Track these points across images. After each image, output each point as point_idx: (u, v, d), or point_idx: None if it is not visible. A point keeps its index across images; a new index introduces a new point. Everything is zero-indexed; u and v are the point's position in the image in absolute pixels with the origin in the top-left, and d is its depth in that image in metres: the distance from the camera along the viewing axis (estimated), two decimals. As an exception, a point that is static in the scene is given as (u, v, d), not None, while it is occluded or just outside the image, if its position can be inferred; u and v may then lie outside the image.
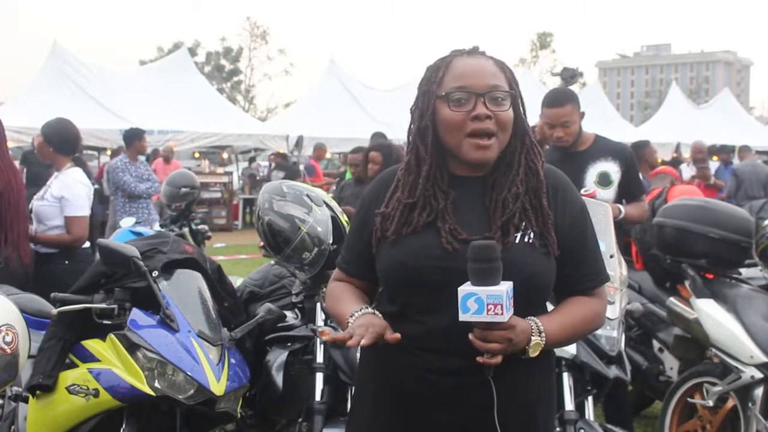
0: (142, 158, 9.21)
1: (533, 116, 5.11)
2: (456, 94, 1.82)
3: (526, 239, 1.82)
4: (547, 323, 1.79)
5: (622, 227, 4.11)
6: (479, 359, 1.70)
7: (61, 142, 4.76)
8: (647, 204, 4.19)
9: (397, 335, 1.76)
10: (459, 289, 1.65)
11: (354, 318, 1.83)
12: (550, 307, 1.95)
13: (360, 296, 1.99)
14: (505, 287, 1.65)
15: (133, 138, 8.68)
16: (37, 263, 4.44)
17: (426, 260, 1.80)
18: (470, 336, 1.69)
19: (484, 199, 1.86)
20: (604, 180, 3.92)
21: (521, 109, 1.90)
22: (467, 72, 1.85)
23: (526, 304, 1.75)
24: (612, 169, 3.96)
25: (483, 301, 1.63)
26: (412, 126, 1.91)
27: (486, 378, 1.75)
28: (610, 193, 3.92)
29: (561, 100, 4.05)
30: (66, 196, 4.54)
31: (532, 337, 1.75)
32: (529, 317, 1.77)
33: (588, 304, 1.91)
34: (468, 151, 1.82)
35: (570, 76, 6.84)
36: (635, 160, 4.16)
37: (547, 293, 1.91)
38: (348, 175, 8.30)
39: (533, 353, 1.75)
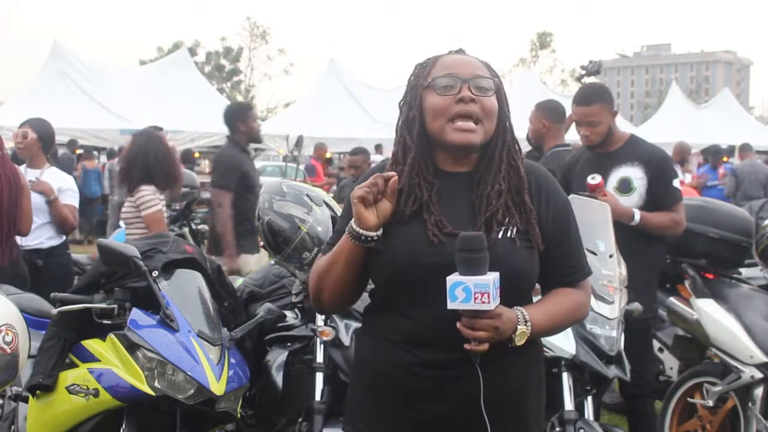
0: None
1: (529, 114, 5.08)
2: (442, 79, 1.87)
3: (508, 234, 1.85)
4: (533, 313, 1.83)
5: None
6: (466, 346, 1.73)
7: (50, 141, 5.06)
8: (680, 216, 3.73)
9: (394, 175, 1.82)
10: (447, 278, 1.69)
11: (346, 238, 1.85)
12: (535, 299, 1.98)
13: None
14: (492, 277, 1.69)
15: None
16: (47, 256, 4.76)
17: (412, 255, 1.83)
18: (458, 324, 1.72)
19: (470, 195, 1.89)
20: (624, 186, 3.71)
21: (505, 107, 1.94)
22: (453, 63, 1.91)
23: (510, 297, 1.78)
24: (635, 175, 3.70)
25: (470, 290, 1.67)
26: (400, 119, 1.95)
27: (473, 367, 1.78)
28: (632, 200, 3.68)
29: (590, 98, 3.86)
30: (73, 188, 4.97)
31: (518, 326, 1.78)
32: (515, 307, 1.81)
33: (573, 295, 1.95)
34: (451, 133, 1.85)
35: (595, 71, 6.70)
36: (667, 167, 3.79)
37: (530, 286, 1.94)
38: None
39: (519, 342, 1.79)
